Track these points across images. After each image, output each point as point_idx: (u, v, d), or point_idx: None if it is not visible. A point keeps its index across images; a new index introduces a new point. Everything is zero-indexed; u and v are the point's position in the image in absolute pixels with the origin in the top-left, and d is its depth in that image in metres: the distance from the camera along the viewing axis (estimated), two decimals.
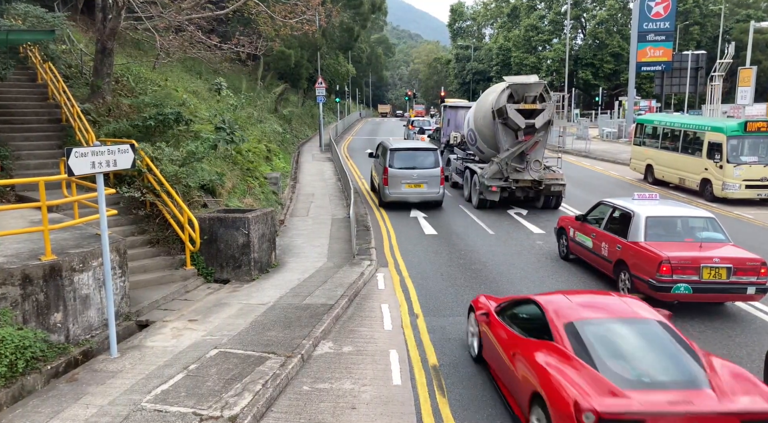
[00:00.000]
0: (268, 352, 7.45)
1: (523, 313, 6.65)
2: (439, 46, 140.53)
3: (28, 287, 7.04)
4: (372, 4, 56.22)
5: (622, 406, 4.72)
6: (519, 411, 5.92)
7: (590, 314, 5.91)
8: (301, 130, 44.31)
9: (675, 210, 10.52)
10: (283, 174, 22.28)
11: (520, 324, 6.49)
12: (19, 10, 14.15)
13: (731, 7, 65.16)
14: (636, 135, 24.13)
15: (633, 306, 6.15)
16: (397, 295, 10.35)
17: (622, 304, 6.21)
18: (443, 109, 29.52)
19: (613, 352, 5.39)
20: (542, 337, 5.88)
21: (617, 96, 61.63)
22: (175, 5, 15.76)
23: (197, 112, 17.97)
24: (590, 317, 5.84)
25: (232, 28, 27.69)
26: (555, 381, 5.13)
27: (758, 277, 8.91)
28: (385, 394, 6.71)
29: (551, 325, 5.86)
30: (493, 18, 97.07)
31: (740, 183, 17.91)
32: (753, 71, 34.91)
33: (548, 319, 5.95)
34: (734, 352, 7.98)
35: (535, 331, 6.07)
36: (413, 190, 17.43)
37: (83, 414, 5.96)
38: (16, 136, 12.86)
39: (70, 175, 6.88)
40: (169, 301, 9.62)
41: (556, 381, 5.11)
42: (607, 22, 71.81)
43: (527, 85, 16.74)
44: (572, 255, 12.25)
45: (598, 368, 5.16)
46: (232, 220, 10.93)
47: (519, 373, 5.85)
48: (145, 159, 11.35)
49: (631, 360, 5.32)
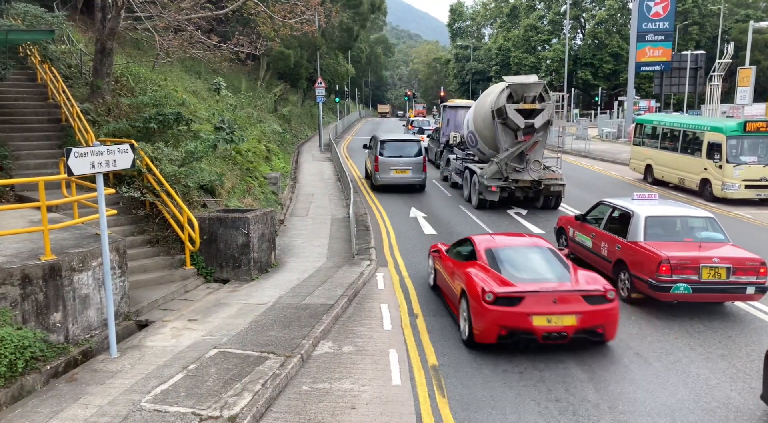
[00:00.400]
0: (268, 352, 7.45)
1: (461, 248, 9.49)
2: (438, 46, 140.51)
3: (27, 287, 7.04)
4: (371, 4, 56.24)
5: (509, 289, 7.64)
6: (454, 308, 8.86)
7: (502, 244, 8.91)
8: (301, 129, 44.30)
9: (674, 210, 10.53)
10: (283, 174, 22.27)
11: (459, 255, 9.30)
12: (19, 10, 14.13)
13: (730, 7, 65.19)
14: (635, 135, 24.13)
15: (535, 240, 9.29)
16: (396, 295, 10.36)
17: (527, 239, 9.44)
18: (443, 109, 29.54)
19: (512, 265, 8.31)
20: (471, 260, 8.75)
21: (617, 96, 61.65)
22: (175, 5, 15.75)
23: (197, 112, 17.96)
24: (502, 245, 8.84)
25: (231, 28, 27.68)
26: (474, 280, 8.02)
27: (758, 277, 8.91)
28: (384, 394, 6.71)
29: (477, 252, 8.81)
30: (493, 18, 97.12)
31: (740, 183, 17.91)
32: (752, 71, 34.97)
33: (476, 249, 8.89)
34: (734, 352, 7.99)
35: (467, 258, 8.94)
36: (400, 175, 20.71)
37: (83, 414, 5.96)
38: (15, 135, 12.85)
39: (69, 175, 6.88)
40: (169, 301, 9.62)
41: (474, 280, 8.01)
42: (607, 22, 71.83)
43: (527, 85, 16.74)
44: (572, 255, 12.24)
45: (501, 272, 8.10)
46: (231, 220, 10.92)
47: (455, 283, 8.76)
48: (145, 159, 11.35)
49: (523, 268, 8.27)
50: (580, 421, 6.20)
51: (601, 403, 6.59)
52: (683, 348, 8.11)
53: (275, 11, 17.37)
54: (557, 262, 8.44)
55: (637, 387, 6.96)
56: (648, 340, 8.35)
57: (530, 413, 6.35)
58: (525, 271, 8.16)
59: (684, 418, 6.28)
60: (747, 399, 6.69)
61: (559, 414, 6.33)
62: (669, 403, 6.60)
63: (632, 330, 8.73)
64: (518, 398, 6.68)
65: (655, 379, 7.16)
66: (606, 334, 7.77)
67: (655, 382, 7.08)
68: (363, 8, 52.61)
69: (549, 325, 7.43)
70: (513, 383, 7.04)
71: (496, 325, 7.52)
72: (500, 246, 8.80)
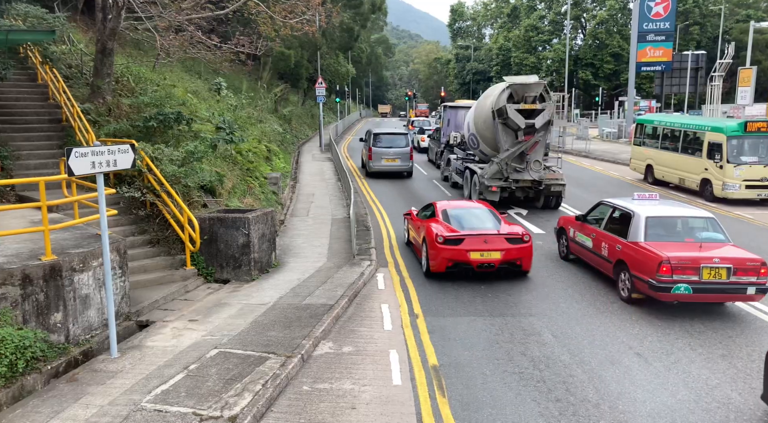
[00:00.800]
0: (268, 352, 7.45)
1: (426, 211, 12.59)
2: (439, 46, 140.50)
3: (28, 287, 7.04)
4: (372, 4, 56.22)
5: (454, 234, 10.79)
6: (419, 252, 12.05)
7: (454, 206, 12.28)
8: (301, 130, 44.29)
9: (675, 210, 10.53)
10: (283, 174, 22.28)
11: (425, 216, 12.38)
12: (20, 11, 14.15)
13: (731, 7, 65.15)
14: (636, 135, 24.12)
15: (478, 204, 12.62)
16: (397, 295, 10.36)
17: (473, 202, 13.19)
18: (443, 109, 29.56)
19: (459, 219, 11.44)
20: (432, 217, 11.87)
21: (617, 96, 61.61)
22: (175, 5, 15.76)
23: (197, 112, 17.96)
24: (453, 207, 12.14)
25: (232, 28, 27.68)
26: (432, 230, 11.10)
27: (758, 277, 8.91)
28: (385, 394, 6.71)
29: (436, 212, 11.96)
30: (493, 18, 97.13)
31: (740, 183, 17.91)
32: (753, 71, 34.96)
33: (435, 210, 12.05)
34: (734, 352, 7.99)
35: (429, 216, 12.06)
36: (390, 163, 24.18)
37: (83, 414, 5.96)
38: (16, 136, 12.86)
39: (70, 175, 6.88)
40: (169, 301, 9.63)
41: (432, 230, 11.09)
42: (607, 22, 71.80)
43: (527, 85, 16.73)
44: (572, 255, 12.25)
45: (450, 224, 11.23)
46: (232, 220, 10.93)
47: (420, 235, 11.96)
48: (145, 159, 11.35)
49: (466, 221, 11.38)
50: (581, 421, 6.20)
51: (601, 403, 6.59)
52: (683, 348, 8.10)
53: (276, 11, 17.38)
54: (491, 218, 11.63)
55: (637, 387, 6.95)
56: (648, 341, 8.34)
57: (530, 413, 6.35)
58: (467, 223, 11.34)
59: (684, 419, 6.28)
60: (747, 399, 6.69)
61: (559, 414, 6.33)
62: (669, 403, 6.60)
63: (633, 330, 8.73)
64: (518, 398, 6.68)
65: (656, 379, 7.15)
66: (523, 265, 11.02)
67: (655, 382, 7.08)
68: (363, 8, 52.60)
69: (481, 258, 10.66)
70: (513, 383, 7.04)
71: (445, 259, 10.77)
72: (452, 207, 12.14)
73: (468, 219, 11.48)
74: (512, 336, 8.50)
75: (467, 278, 11.22)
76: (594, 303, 9.92)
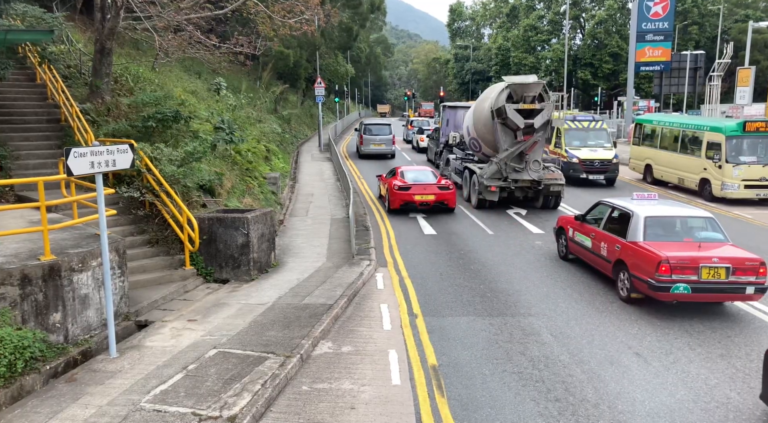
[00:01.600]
0: (267, 352, 7.45)
1: (391, 173, 18.17)
2: (438, 46, 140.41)
3: (27, 287, 7.04)
4: (371, 3, 56.23)
5: (404, 184, 16.90)
6: (385, 200, 17.91)
7: (409, 169, 18.33)
8: (301, 130, 44.25)
9: (674, 210, 10.53)
10: (283, 174, 22.26)
11: (390, 174, 18.01)
12: (18, 10, 14.12)
13: (730, 7, 65.21)
14: (635, 135, 24.15)
15: (424, 167, 19.18)
16: (396, 295, 10.36)
17: (421, 167, 19.60)
18: (442, 109, 29.57)
19: (411, 176, 17.39)
20: (394, 176, 17.65)
21: (616, 96, 61.62)
22: (174, 5, 15.74)
23: (196, 111, 17.94)
24: (408, 169, 18.12)
25: (231, 28, 27.67)
26: (392, 182, 17.17)
27: (757, 277, 8.92)
28: (384, 394, 6.71)
29: (397, 172, 17.82)
30: (492, 18, 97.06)
31: (739, 183, 17.93)
32: (751, 71, 34.99)
33: (397, 171, 17.85)
34: (733, 351, 8.00)
35: (392, 175, 17.97)
36: (377, 147, 31.27)
37: (82, 414, 5.96)
38: (15, 136, 12.85)
39: (69, 175, 6.87)
40: (169, 301, 9.62)
41: (393, 182, 17.16)
42: (606, 22, 71.78)
43: (526, 85, 16.74)
44: (571, 255, 12.25)
45: (405, 179, 17.27)
46: (231, 220, 10.92)
47: (385, 187, 17.81)
48: (144, 159, 11.34)
49: (415, 177, 17.36)
50: (580, 420, 6.21)
51: (600, 402, 6.59)
52: (683, 348, 8.11)
53: (274, 11, 17.37)
54: (431, 176, 17.48)
55: (636, 387, 6.96)
56: (647, 340, 8.35)
57: (530, 413, 6.36)
58: (416, 178, 17.23)
59: (683, 418, 6.28)
60: (746, 399, 6.70)
61: (558, 414, 6.34)
62: (668, 402, 6.61)
63: (632, 330, 8.74)
64: (517, 398, 6.69)
65: (655, 379, 7.16)
66: (449, 204, 16.87)
67: (654, 382, 7.08)
68: (362, 8, 52.58)
69: (422, 199, 16.56)
70: (512, 383, 7.05)
71: (399, 199, 16.72)
72: (407, 170, 17.99)
73: (416, 175, 17.41)
74: (511, 336, 8.50)
75: (467, 278, 11.23)
76: (593, 303, 9.93)
